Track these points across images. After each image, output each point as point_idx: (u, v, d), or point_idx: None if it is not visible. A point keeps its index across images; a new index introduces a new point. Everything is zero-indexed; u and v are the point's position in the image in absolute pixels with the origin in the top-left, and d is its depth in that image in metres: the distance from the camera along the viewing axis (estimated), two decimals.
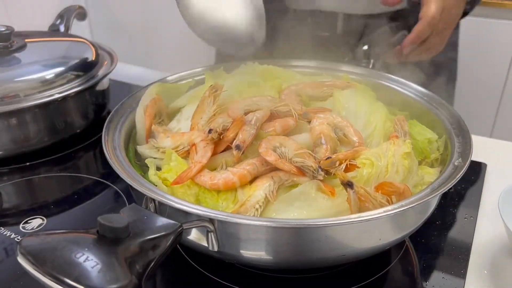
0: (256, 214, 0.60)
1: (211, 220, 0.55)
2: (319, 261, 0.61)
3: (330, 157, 0.64)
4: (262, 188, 0.62)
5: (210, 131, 0.66)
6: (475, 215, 0.77)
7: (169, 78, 0.86)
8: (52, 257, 0.44)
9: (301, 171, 0.63)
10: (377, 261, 0.68)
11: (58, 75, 0.92)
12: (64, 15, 1.18)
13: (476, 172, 0.87)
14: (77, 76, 0.94)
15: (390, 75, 0.86)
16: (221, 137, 0.67)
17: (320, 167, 0.63)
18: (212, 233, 0.56)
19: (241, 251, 0.58)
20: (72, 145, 0.95)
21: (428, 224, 0.74)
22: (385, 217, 0.56)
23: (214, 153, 0.67)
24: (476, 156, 0.88)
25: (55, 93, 0.90)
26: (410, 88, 0.83)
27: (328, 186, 0.62)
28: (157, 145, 0.71)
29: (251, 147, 0.67)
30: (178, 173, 0.65)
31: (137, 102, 0.77)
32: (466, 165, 0.64)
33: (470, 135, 0.70)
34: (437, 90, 0.81)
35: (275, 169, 0.65)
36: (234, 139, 0.66)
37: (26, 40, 0.98)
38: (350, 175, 0.63)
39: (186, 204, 0.55)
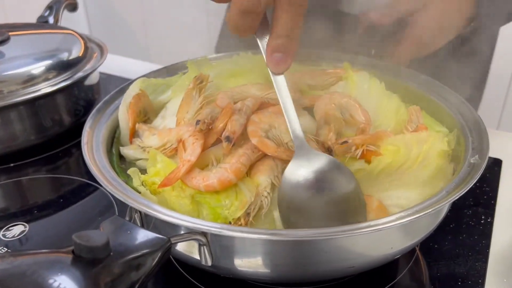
0: (267, 202, 0.56)
1: (203, 233, 0.49)
2: (326, 274, 0.56)
3: (347, 142, 0.59)
4: (266, 174, 0.57)
5: (197, 122, 0.60)
6: (492, 217, 0.72)
7: (156, 71, 0.79)
8: (19, 284, 0.38)
9: None
10: (387, 269, 0.63)
11: (43, 70, 0.86)
12: (53, 6, 1.11)
13: (491, 169, 0.81)
14: (64, 71, 0.88)
15: (393, 64, 0.79)
16: (210, 128, 0.61)
17: (329, 149, 0.58)
18: (205, 247, 0.51)
19: (239, 266, 0.52)
20: (59, 144, 0.90)
21: (442, 228, 0.69)
22: (399, 225, 0.50)
23: (204, 147, 0.61)
24: (491, 152, 0.82)
25: (41, 89, 0.84)
26: (416, 78, 0.76)
27: None
28: (143, 144, 0.65)
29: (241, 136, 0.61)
30: (165, 175, 0.59)
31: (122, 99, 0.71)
32: (484, 162, 0.58)
33: (486, 130, 0.64)
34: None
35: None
36: (224, 129, 0.61)
37: (10, 33, 0.92)
38: (356, 166, 0.59)
39: (174, 215, 0.50)
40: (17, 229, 0.70)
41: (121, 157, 0.67)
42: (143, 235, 0.46)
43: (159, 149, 0.63)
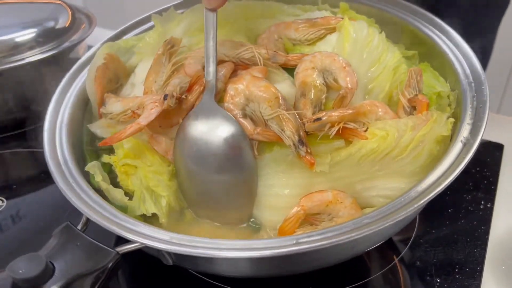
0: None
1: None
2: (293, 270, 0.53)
3: (320, 119, 0.52)
4: None
5: (165, 97, 0.54)
6: (492, 202, 0.68)
7: (124, 30, 0.73)
8: None
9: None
10: (381, 256, 0.60)
11: (27, 39, 0.82)
12: None
13: (492, 153, 0.78)
14: (50, 40, 0.84)
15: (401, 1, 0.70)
16: (180, 101, 0.56)
17: (301, 141, 0.52)
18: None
19: (202, 268, 0.50)
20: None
21: (440, 212, 0.66)
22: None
23: (173, 124, 0.57)
24: (492, 136, 0.80)
25: (25, 58, 0.81)
26: (422, 18, 0.68)
27: (305, 158, 0.51)
28: (105, 110, 0.60)
29: None
30: (136, 155, 0.56)
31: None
32: (476, 143, 0.52)
33: (487, 90, 0.57)
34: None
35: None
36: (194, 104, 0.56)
37: None
38: (335, 144, 0.54)
39: (125, 225, 0.47)
40: None
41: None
42: (91, 248, 0.45)
43: (119, 115, 0.59)
